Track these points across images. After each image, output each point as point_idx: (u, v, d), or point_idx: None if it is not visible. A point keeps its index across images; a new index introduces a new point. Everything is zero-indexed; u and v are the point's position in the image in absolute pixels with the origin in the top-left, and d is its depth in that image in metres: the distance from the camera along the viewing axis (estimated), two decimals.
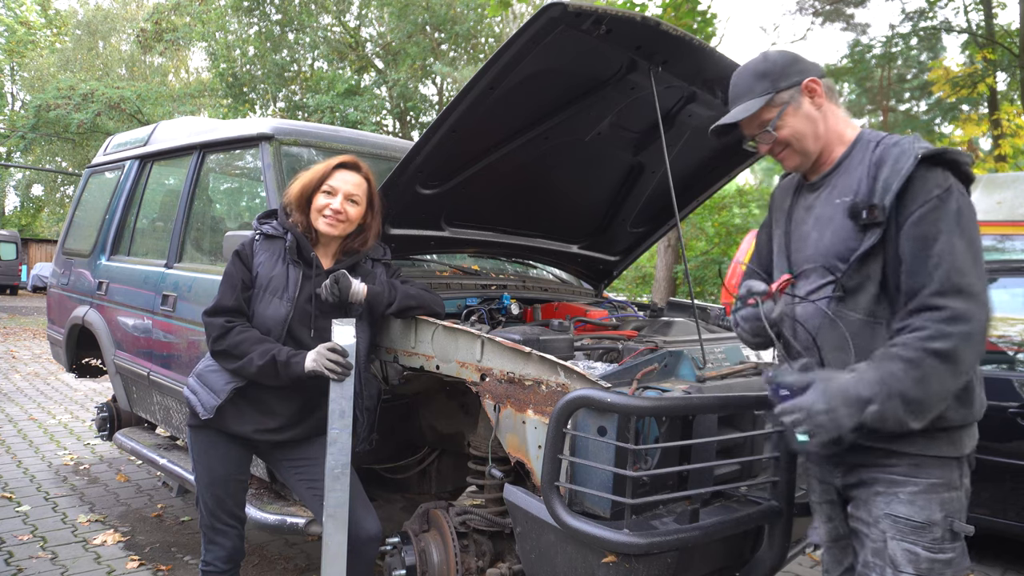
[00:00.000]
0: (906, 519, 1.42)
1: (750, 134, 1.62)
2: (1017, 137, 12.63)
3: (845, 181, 1.52)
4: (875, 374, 1.35)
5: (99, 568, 3.08)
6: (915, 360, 1.32)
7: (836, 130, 1.57)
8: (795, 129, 1.54)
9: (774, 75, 1.55)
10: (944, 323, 1.32)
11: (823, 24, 15.47)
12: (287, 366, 2.00)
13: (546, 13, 1.83)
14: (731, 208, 12.54)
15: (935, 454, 1.43)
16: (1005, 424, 3.16)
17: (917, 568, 1.40)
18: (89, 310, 3.93)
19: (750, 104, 1.55)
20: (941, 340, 1.31)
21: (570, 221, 3.18)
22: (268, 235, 2.17)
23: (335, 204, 2.11)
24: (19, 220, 32.63)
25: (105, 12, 30.20)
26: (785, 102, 1.54)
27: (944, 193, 1.38)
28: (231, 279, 2.11)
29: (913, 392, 1.32)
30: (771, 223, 1.76)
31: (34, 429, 5.50)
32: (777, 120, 1.54)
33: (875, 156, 1.48)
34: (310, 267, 2.13)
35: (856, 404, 1.33)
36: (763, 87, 1.55)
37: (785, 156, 1.59)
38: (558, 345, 2.00)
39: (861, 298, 1.46)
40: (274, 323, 2.08)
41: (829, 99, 1.58)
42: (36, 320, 14.90)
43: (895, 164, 1.42)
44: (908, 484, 1.44)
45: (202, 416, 2.07)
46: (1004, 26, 12.16)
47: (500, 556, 2.20)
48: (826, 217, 1.54)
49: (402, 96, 18.25)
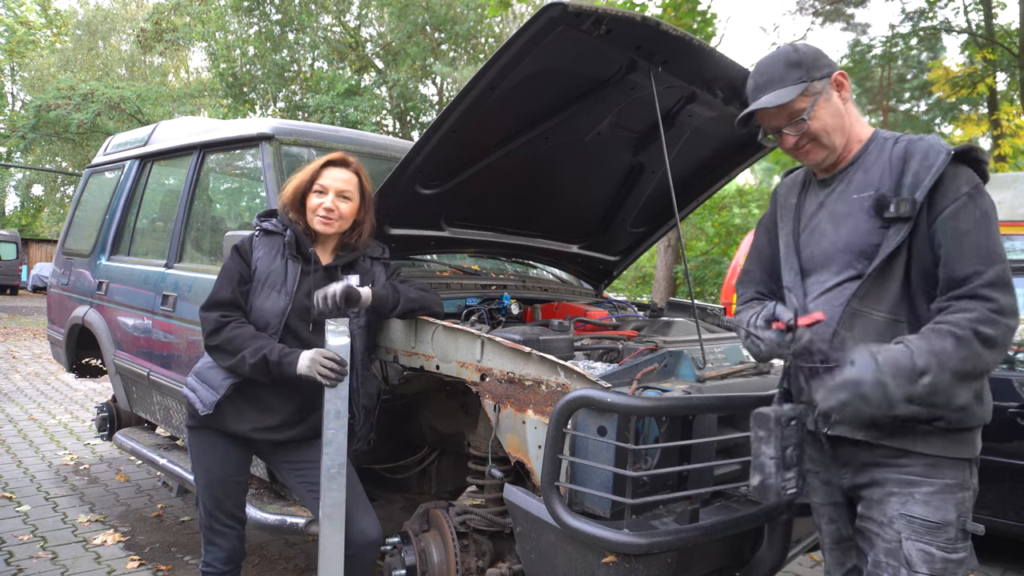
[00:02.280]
0: (922, 519, 1.42)
1: (775, 126, 1.57)
2: (1017, 137, 12.62)
3: (863, 177, 1.52)
4: (927, 345, 1.33)
5: (99, 568, 3.08)
6: (965, 339, 1.31)
7: (854, 127, 1.57)
8: (825, 121, 1.52)
9: (807, 64, 1.51)
10: (993, 312, 1.33)
11: (823, 24, 15.48)
12: (279, 366, 1.99)
13: (546, 13, 1.83)
14: (731, 208, 12.54)
15: (952, 455, 1.44)
16: (1005, 424, 3.16)
17: (932, 568, 1.41)
18: (89, 310, 3.93)
19: (785, 91, 1.50)
20: (990, 326, 1.32)
21: (570, 221, 3.18)
22: (268, 231, 2.18)
23: (327, 203, 2.12)
24: (19, 220, 32.63)
25: (105, 12, 30.20)
26: (818, 92, 1.51)
27: (974, 191, 1.40)
28: (228, 273, 2.11)
29: (962, 368, 1.32)
30: (773, 222, 1.74)
31: (34, 429, 5.49)
32: (811, 110, 1.51)
33: (897, 151, 1.48)
34: (309, 263, 2.14)
35: (909, 375, 1.30)
36: (797, 75, 1.50)
37: (810, 149, 1.55)
38: (558, 345, 2.00)
39: (884, 297, 1.45)
40: (272, 316, 2.08)
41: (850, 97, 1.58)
42: (36, 320, 14.90)
43: (924, 160, 1.42)
44: (924, 484, 1.44)
45: (201, 412, 2.07)
46: (1004, 26, 12.16)
47: (500, 556, 2.20)
48: (842, 213, 1.53)
49: (402, 96, 18.24)
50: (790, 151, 1.59)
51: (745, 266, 1.83)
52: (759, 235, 1.80)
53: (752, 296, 1.78)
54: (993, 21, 12.08)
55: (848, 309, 1.48)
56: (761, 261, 1.78)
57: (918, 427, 1.43)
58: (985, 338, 1.32)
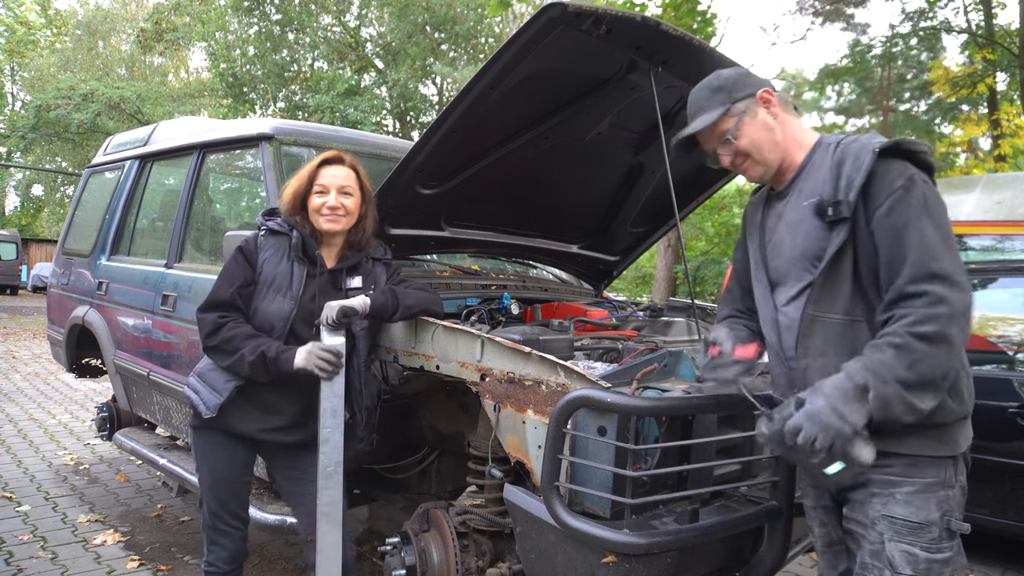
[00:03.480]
0: (903, 520, 1.42)
1: (711, 147, 1.65)
2: (1017, 137, 12.63)
3: (810, 185, 1.56)
4: (862, 364, 1.36)
5: (99, 568, 3.08)
6: (904, 345, 1.32)
7: (795, 137, 1.61)
8: (753, 138, 1.58)
9: (728, 88, 1.61)
10: (927, 307, 1.33)
11: (823, 24, 15.45)
12: (276, 362, 1.99)
13: (546, 13, 1.83)
14: (731, 208, 12.53)
15: (931, 454, 1.44)
16: (1005, 424, 3.16)
17: (915, 569, 1.40)
18: (89, 310, 3.93)
19: (708, 116, 1.60)
20: (927, 323, 1.32)
21: (570, 221, 3.18)
22: (273, 231, 2.16)
23: (331, 201, 2.11)
24: (19, 220, 32.63)
25: (105, 12, 30.19)
26: (742, 111, 1.59)
27: (907, 183, 1.41)
28: (230, 274, 2.10)
29: (908, 375, 1.32)
30: (745, 240, 1.77)
31: (34, 429, 5.50)
32: (735, 129, 1.58)
33: (836, 156, 1.52)
34: (314, 265, 2.13)
35: (855, 395, 1.33)
36: (719, 99, 1.60)
37: (747, 167, 1.63)
38: (558, 345, 2.00)
39: (838, 298, 1.47)
40: (277, 319, 2.08)
41: (784, 109, 1.62)
42: (36, 320, 14.90)
43: (855, 160, 1.46)
44: (904, 484, 1.44)
45: (205, 415, 2.06)
46: (1004, 26, 12.15)
47: (500, 556, 2.20)
48: (795, 221, 1.57)
49: (402, 96, 18.24)
50: (731, 169, 1.67)
51: (727, 285, 1.88)
52: (736, 253, 1.85)
53: (728, 314, 1.82)
54: (993, 21, 12.07)
55: (805, 316, 1.51)
56: (738, 278, 1.82)
57: (895, 427, 1.43)
58: (925, 336, 1.32)
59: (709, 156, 1.69)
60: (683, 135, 1.64)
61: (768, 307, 1.63)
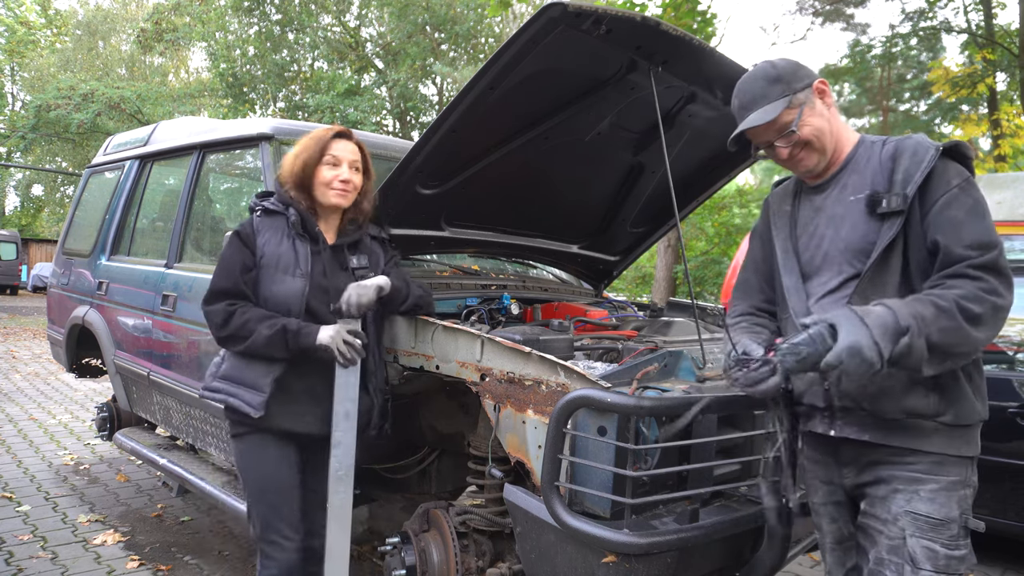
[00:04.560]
0: (926, 516, 1.44)
1: (766, 141, 1.61)
2: (1017, 137, 12.62)
3: (856, 179, 1.56)
4: (909, 308, 1.34)
5: (99, 568, 3.08)
6: (947, 310, 1.33)
7: (841, 130, 1.61)
8: (815, 127, 1.56)
9: (787, 78, 1.57)
10: (981, 291, 1.35)
11: (823, 24, 15.47)
12: (297, 335, 1.92)
13: (546, 13, 1.83)
14: (731, 208, 12.54)
15: (955, 453, 1.46)
16: (1005, 424, 3.17)
17: (935, 564, 1.42)
18: (89, 310, 3.93)
19: (771, 108, 1.55)
20: (975, 303, 1.34)
21: (570, 221, 3.18)
22: (269, 211, 2.09)
23: (344, 174, 2.06)
24: (19, 220, 32.62)
25: (105, 12, 30.21)
26: (803, 102, 1.56)
27: (965, 183, 1.44)
28: (229, 262, 2.02)
29: (938, 339, 1.33)
30: (767, 229, 1.76)
31: (34, 429, 5.49)
32: (799, 120, 1.56)
33: (887, 151, 1.53)
34: (316, 243, 2.08)
35: (894, 334, 1.31)
36: (779, 90, 1.56)
37: (804, 156, 1.59)
38: (558, 345, 2.00)
39: (885, 292, 1.47)
40: (292, 299, 2.00)
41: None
42: (36, 320, 14.90)
43: (914, 156, 1.47)
44: (929, 482, 1.45)
45: (255, 415, 1.95)
46: (1004, 26, 12.15)
47: (500, 556, 2.20)
48: (839, 215, 1.57)
49: (402, 96, 18.24)
50: (784, 162, 1.62)
51: (741, 275, 1.85)
52: (753, 244, 1.83)
53: (744, 310, 1.79)
54: (993, 21, 12.08)
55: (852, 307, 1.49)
56: (757, 269, 1.80)
57: (924, 425, 1.45)
58: (969, 314, 1.33)
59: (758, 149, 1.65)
60: (745, 127, 1.58)
61: (799, 298, 1.61)
